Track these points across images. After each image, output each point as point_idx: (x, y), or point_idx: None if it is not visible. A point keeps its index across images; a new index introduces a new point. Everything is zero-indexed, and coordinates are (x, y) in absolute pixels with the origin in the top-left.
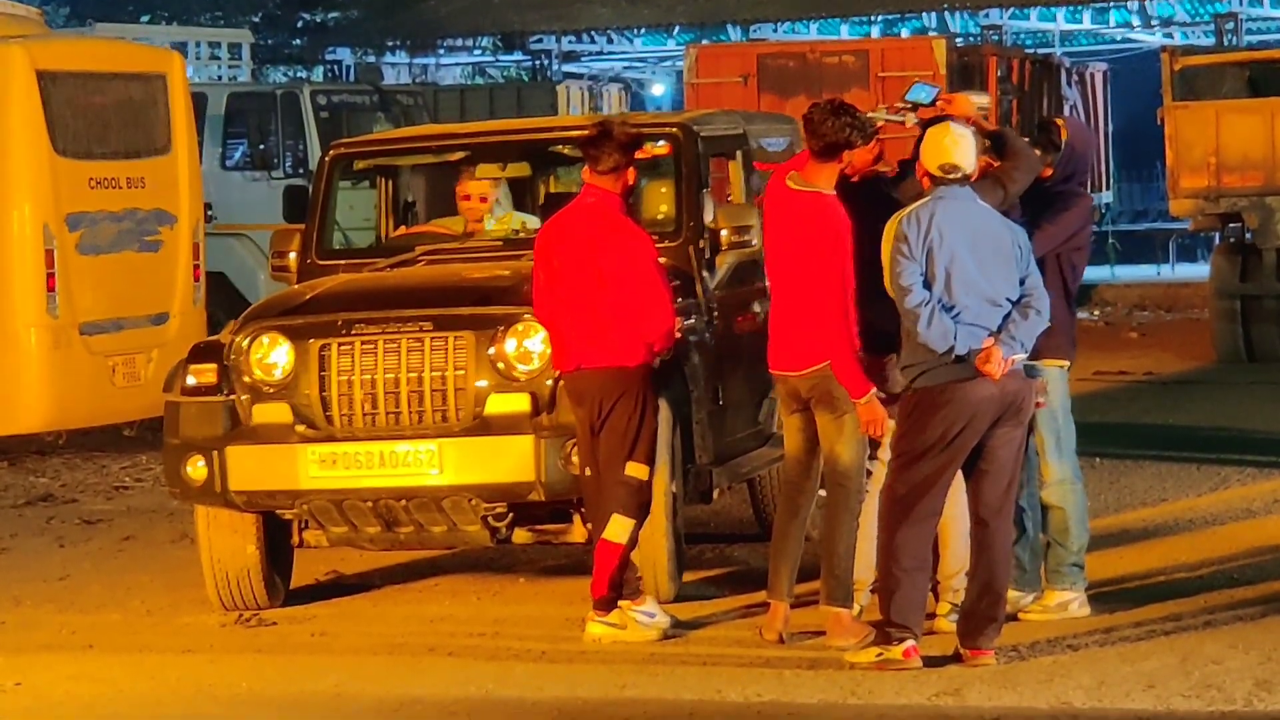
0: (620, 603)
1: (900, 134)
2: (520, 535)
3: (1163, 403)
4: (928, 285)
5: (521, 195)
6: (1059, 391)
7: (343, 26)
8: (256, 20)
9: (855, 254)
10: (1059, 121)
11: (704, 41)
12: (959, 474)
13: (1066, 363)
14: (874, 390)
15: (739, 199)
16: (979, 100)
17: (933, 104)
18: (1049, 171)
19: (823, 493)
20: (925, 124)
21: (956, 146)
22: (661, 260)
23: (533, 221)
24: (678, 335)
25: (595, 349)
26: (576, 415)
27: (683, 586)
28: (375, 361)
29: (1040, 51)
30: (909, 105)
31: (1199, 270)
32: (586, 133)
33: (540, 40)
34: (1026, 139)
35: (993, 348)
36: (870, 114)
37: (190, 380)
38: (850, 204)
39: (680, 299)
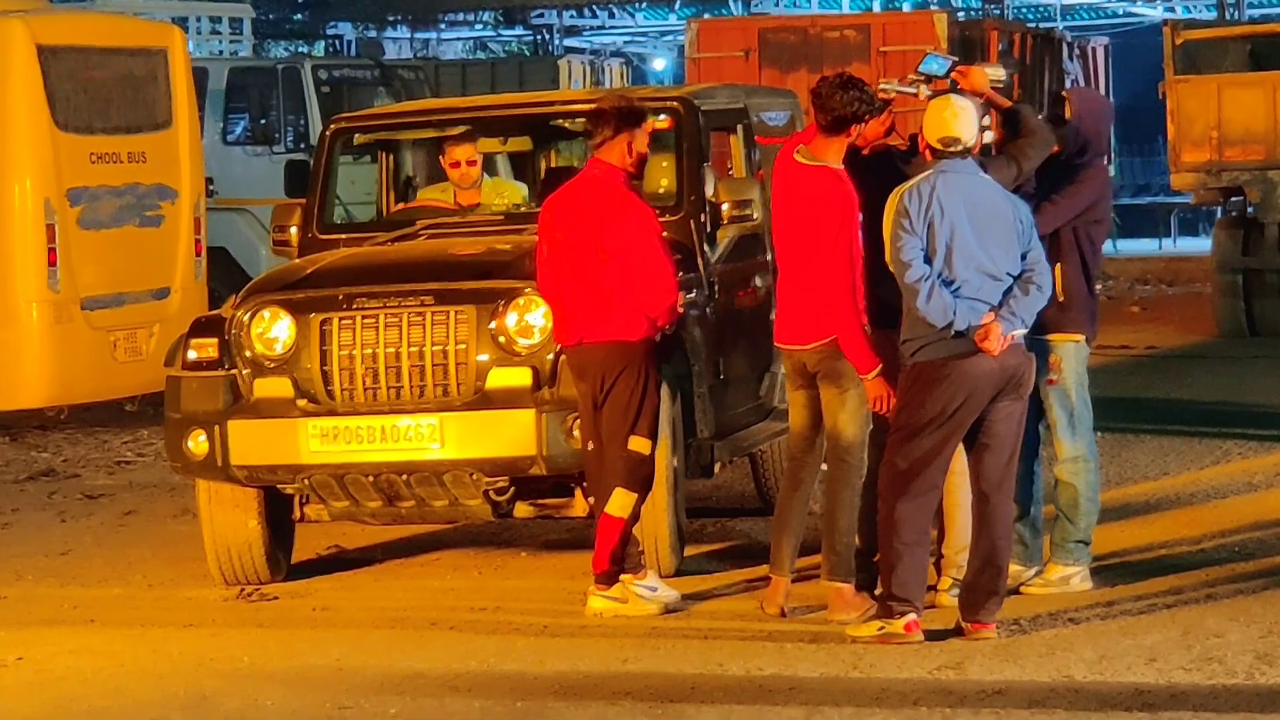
0: (622, 577)
1: (913, 107)
2: (521, 509)
3: (1165, 377)
4: (928, 260)
5: (523, 169)
6: (1073, 368)
7: (344, 1)
8: None
9: (865, 228)
10: (1066, 95)
11: (705, 16)
12: (960, 449)
13: (1082, 337)
14: (881, 365)
15: (740, 173)
16: (994, 74)
17: (946, 76)
18: (1057, 148)
19: (825, 467)
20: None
21: (957, 119)
22: (665, 235)
23: (521, 186)
24: (680, 310)
25: (598, 323)
26: (579, 389)
27: (684, 561)
28: (376, 336)
29: (1042, 26)
30: (923, 77)
31: (1201, 244)
32: (591, 106)
33: (541, 15)
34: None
35: (992, 324)
36: (883, 85)
37: (191, 355)
38: (862, 177)
39: (681, 273)
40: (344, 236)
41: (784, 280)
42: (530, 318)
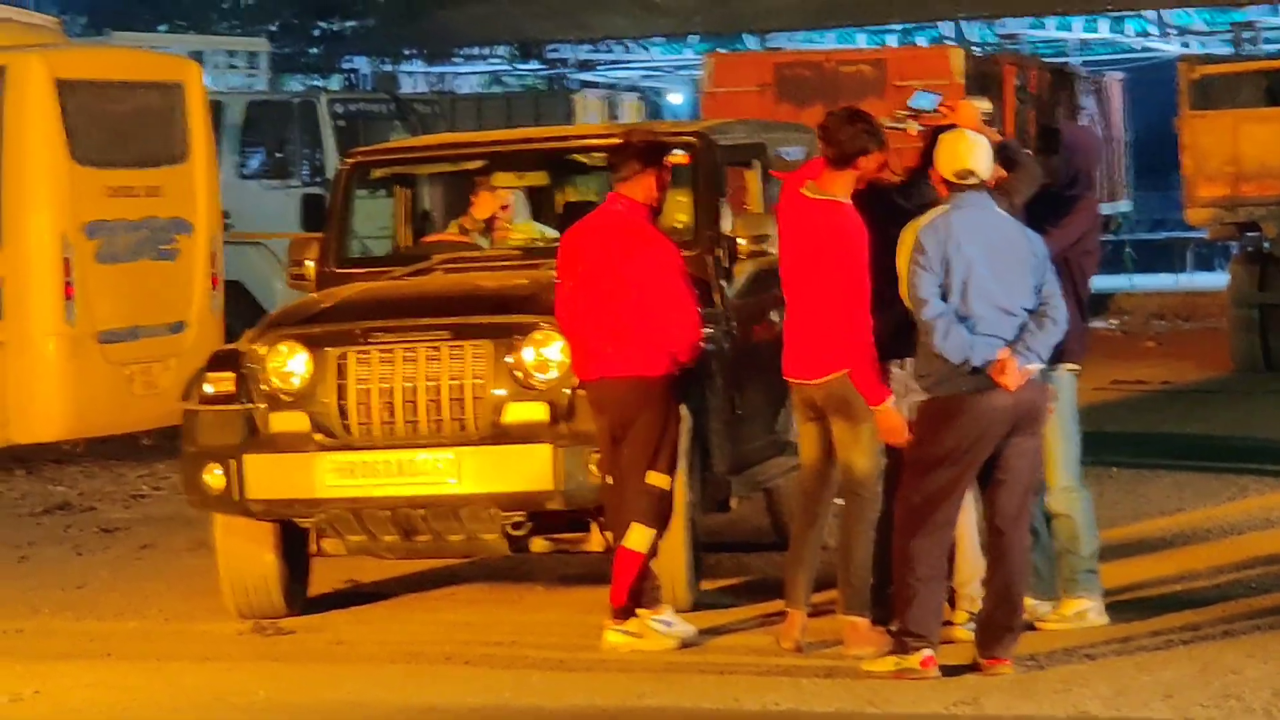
0: (638, 611)
1: (904, 143)
2: (538, 544)
3: (1180, 412)
4: (944, 296)
5: (539, 204)
6: (1067, 397)
7: (359, 35)
8: (273, 29)
9: (873, 256)
10: (1056, 128)
11: (721, 50)
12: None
13: (1076, 366)
14: (891, 397)
15: (756, 208)
16: (982, 106)
17: (935, 111)
18: (1049, 180)
19: (840, 501)
20: (934, 131)
21: (971, 152)
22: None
23: (551, 231)
24: (702, 347)
25: (619, 358)
26: (598, 424)
27: (700, 595)
28: (393, 370)
29: (1057, 61)
30: (911, 113)
31: (1217, 279)
32: (612, 142)
33: (557, 49)
34: (1028, 150)
35: (1008, 359)
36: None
37: (208, 389)
38: (863, 209)
39: (701, 308)
40: (360, 271)
41: (792, 314)
42: (547, 352)
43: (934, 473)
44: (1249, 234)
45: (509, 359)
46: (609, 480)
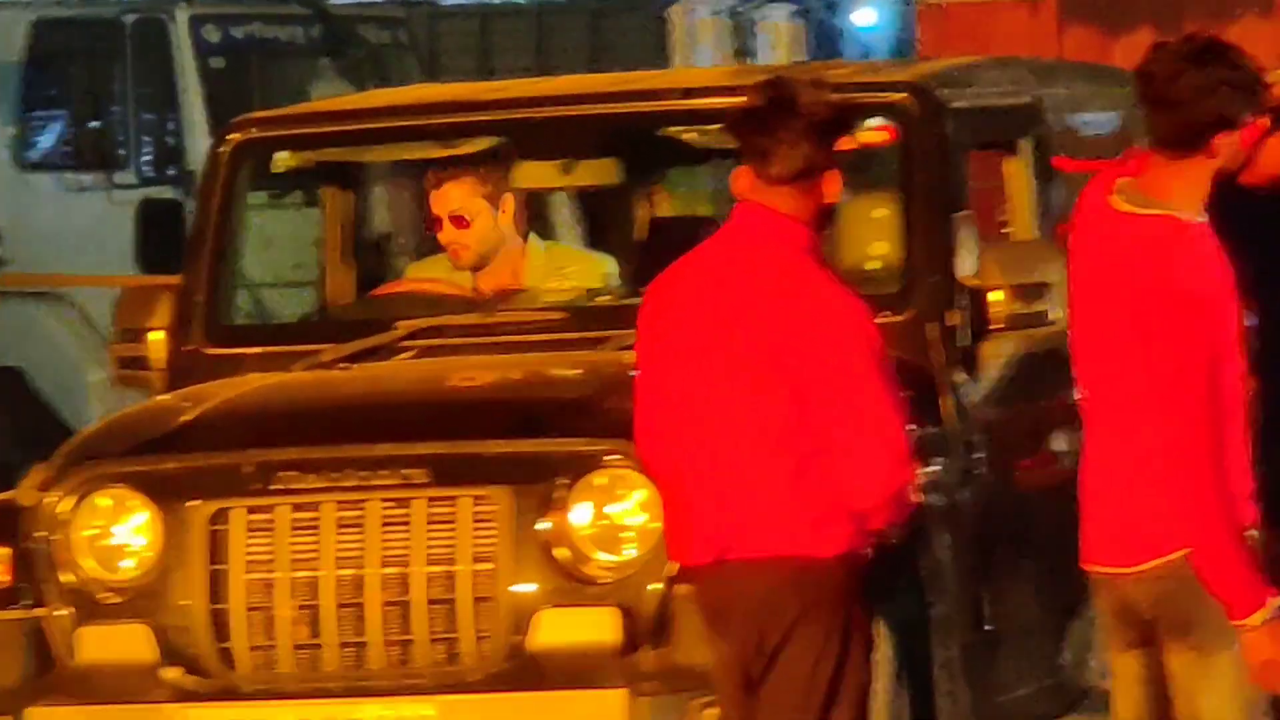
0: None
1: None
2: None
3: None
4: None
5: (604, 220)
6: None
7: None
8: None
9: (1243, 331)
10: None
11: None
12: None
13: None
14: (1277, 601)
15: (1025, 231)
16: None
17: None
18: None
19: None
20: None
21: None
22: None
23: (617, 270)
24: (914, 499)
25: (755, 524)
26: (717, 652)
27: None
28: (320, 546)
29: None
30: None
31: None
32: (742, 101)
33: None
34: None
35: None
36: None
37: None
38: (1231, 236)
39: (915, 425)
40: (255, 351)
41: (1094, 439)
42: (617, 510)
43: None
44: None
45: (544, 524)
46: None
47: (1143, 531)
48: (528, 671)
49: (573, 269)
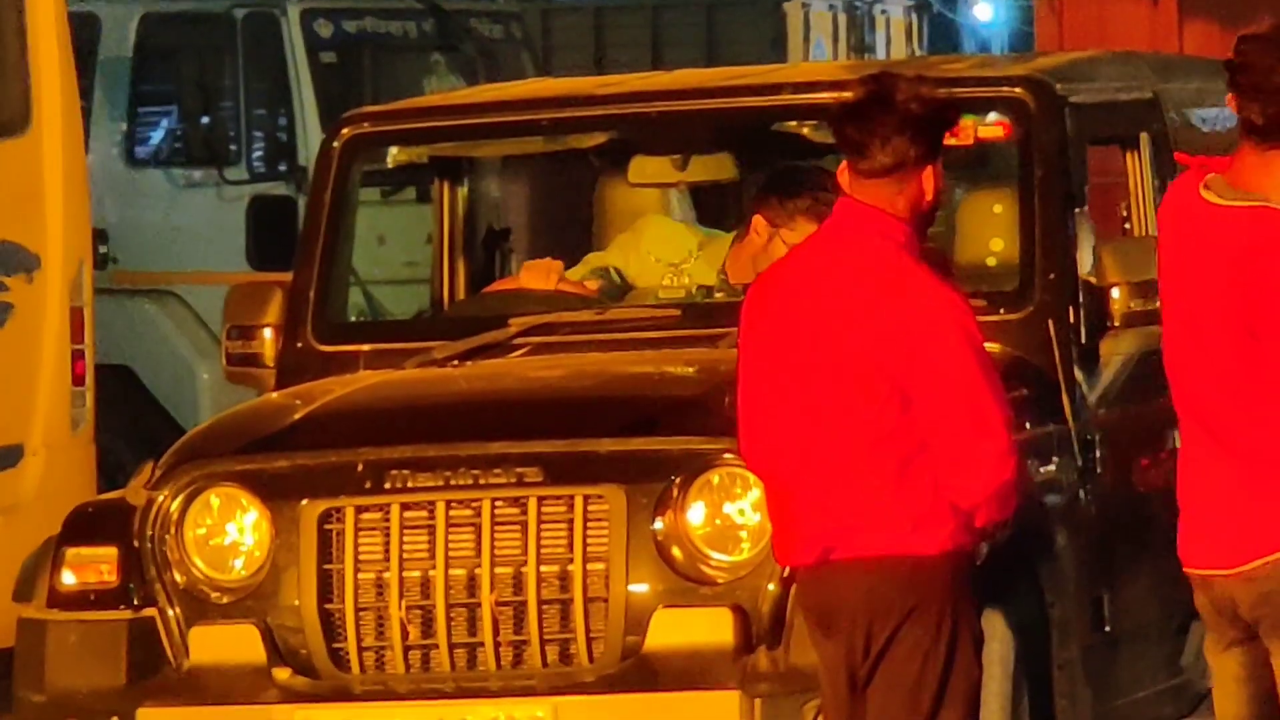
0: None
1: None
2: None
3: None
4: None
5: (718, 214)
6: None
7: None
8: None
9: None
10: None
11: None
12: None
13: None
14: None
15: (1144, 227)
16: None
17: None
18: None
19: None
20: None
21: None
22: (989, 348)
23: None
24: (1019, 496)
25: (859, 523)
26: (822, 652)
27: None
28: (432, 545)
29: None
30: None
31: None
32: (847, 97)
33: None
34: None
35: None
36: None
37: (68, 578)
38: None
39: (1029, 424)
40: (366, 348)
41: (1190, 435)
42: (733, 509)
43: None
44: None
45: (658, 524)
46: None
47: (1245, 532)
48: (641, 672)
49: (691, 256)
